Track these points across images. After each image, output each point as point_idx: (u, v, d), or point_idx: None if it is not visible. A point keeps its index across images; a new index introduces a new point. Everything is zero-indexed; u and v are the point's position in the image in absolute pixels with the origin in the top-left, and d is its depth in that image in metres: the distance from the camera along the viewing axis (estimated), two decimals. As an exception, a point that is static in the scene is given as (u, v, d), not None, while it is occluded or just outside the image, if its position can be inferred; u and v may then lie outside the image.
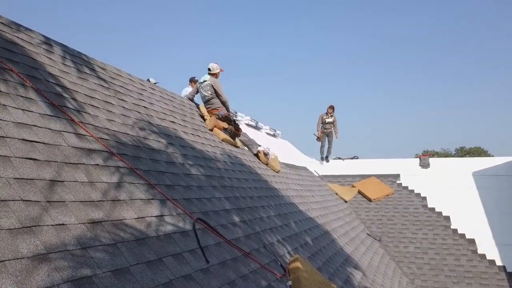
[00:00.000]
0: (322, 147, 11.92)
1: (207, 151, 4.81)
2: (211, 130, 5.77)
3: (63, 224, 1.90)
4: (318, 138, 11.69)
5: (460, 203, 9.35)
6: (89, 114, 3.14)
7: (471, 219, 8.78)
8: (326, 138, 11.78)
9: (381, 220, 9.45)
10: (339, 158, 11.84)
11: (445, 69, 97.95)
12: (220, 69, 6.17)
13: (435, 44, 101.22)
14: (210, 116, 5.97)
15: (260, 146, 7.16)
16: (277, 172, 7.05)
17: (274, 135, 11.35)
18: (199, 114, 6.06)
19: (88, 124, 2.97)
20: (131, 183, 2.73)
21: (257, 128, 9.95)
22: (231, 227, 3.45)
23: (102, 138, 2.93)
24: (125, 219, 2.34)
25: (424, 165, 11.27)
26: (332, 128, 11.57)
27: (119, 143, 3.12)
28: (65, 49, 3.93)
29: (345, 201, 10.11)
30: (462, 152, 43.70)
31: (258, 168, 6.17)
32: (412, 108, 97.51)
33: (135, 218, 2.42)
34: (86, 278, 1.72)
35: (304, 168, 9.85)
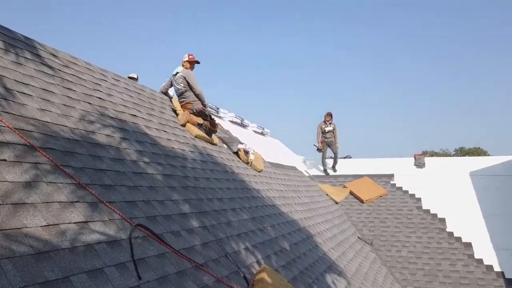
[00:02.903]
0: (324, 158, 11.08)
1: (173, 147, 4.35)
2: (184, 125, 5.31)
3: None
4: (319, 150, 10.85)
5: (457, 204, 8.88)
6: (14, 102, 2.68)
7: (467, 222, 8.32)
8: (328, 148, 10.90)
9: (373, 222, 8.98)
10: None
11: (445, 68, 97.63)
12: (191, 58, 5.69)
13: (435, 43, 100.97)
14: (183, 111, 5.51)
15: (242, 144, 6.71)
16: (260, 172, 6.59)
17: (262, 133, 10.86)
18: (172, 108, 5.60)
19: (8, 113, 2.51)
20: (50, 182, 2.27)
21: (242, 125, 9.47)
22: (185, 234, 2.98)
23: (22, 129, 2.47)
24: (26, 227, 1.87)
25: (419, 164, 10.82)
26: (333, 137, 10.76)
27: (49, 136, 2.66)
28: (6, 32, 3.48)
29: (336, 203, 9.65)
30: (462, 153, 43.17)
31: (236, 167, 5.71)
32: (411, 108, 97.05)
33: (42, 226, 1.96)
34: None
35: (293, 168, 9.38)
